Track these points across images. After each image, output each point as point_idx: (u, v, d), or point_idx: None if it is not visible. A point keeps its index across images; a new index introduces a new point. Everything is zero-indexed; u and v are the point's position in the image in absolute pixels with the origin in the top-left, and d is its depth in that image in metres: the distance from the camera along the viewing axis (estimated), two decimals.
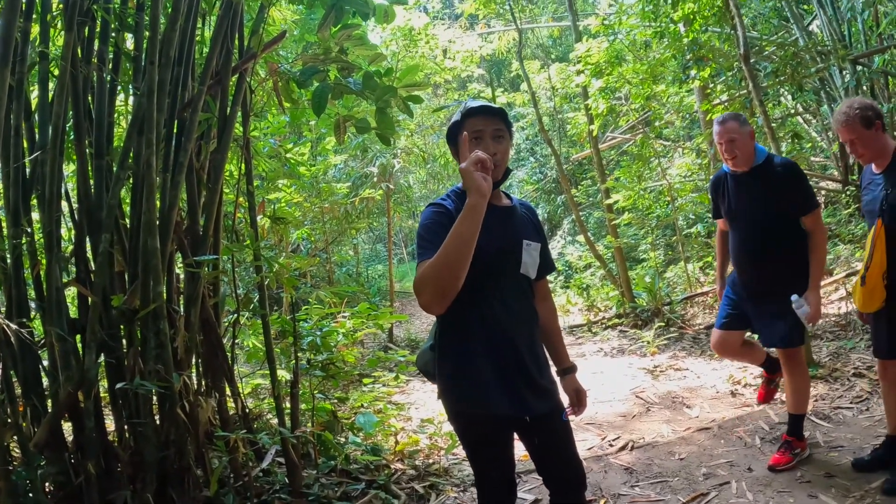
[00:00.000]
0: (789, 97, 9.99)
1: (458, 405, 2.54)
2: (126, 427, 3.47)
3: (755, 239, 4.04)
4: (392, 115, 3.78)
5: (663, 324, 9.00)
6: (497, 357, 2.44)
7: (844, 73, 7.86)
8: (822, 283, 7.76)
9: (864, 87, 7.84)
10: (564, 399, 2.72)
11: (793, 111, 10.49)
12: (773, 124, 7.25)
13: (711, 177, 4.61)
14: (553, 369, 2.75)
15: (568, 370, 2.82)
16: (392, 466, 4.50)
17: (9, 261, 3.29)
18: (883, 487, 3.66)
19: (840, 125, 3.64)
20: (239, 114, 4.10)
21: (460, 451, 4.87)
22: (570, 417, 2.69)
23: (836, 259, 8.40)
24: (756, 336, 4.42)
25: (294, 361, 4.26)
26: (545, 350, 2.72)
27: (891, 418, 3.89)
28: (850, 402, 5.17)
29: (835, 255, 8.49)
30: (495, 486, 2.65)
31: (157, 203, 3.52)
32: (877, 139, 3.59)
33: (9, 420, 3.18)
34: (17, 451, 3.26)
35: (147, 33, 3.58)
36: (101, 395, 3.62)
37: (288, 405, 4.15)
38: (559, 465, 2.64)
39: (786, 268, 3.99)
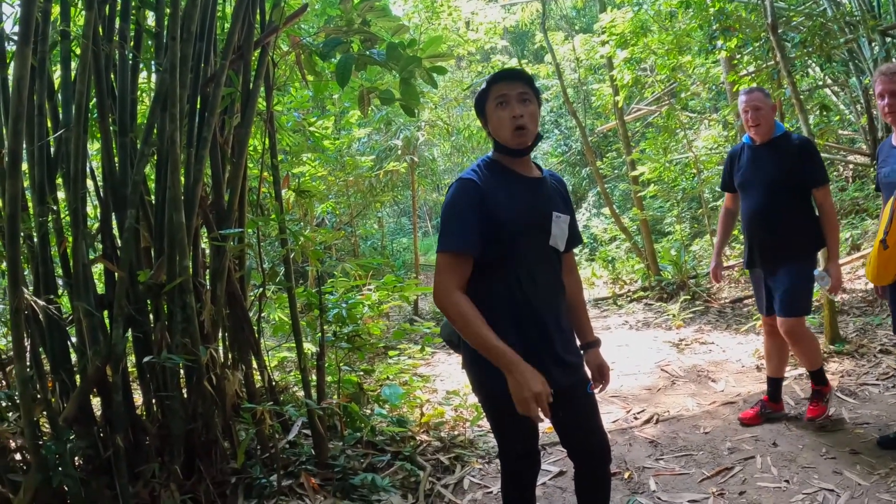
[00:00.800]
0: (817, 69, 9.80)
1: (481, 377, 2.53)
2: (154, 400, 3.52)
3: (767, 205, 4.20)
4: (416, 86, 3.76)
5: (689, 297, 8.95)
6: (522, 329, 2.43)
7: (874, 44, 7.69)
8: (851, 258, 7.70)
9: (894, 60, 7.66)
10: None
11: (820, 83, 10.30)
12: (801, 96, 7.12)
13: (729, 149, 4.73)
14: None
15: (591, 344, 2.79)
16: (417, 438, 4.53)
17: (35, 238, 3.34)
18: None
19: (886, 75, 3.63)
20: (262, 88, 4.10)
21: (485, 423, 4.90)
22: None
23: (864, 234, 8.29)
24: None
25: (320, 334, 4.29)
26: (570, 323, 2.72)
27: None
28: (877, 379, 5.12)
29: (862, 229, 8.39)
30: (518, 457, 2.69)
31: (182, 178, 3.54)
32: None
33: (38, 395, 3.25)
34: (47, 425, 3.33)
35: (168, 9, 3.58)
36: (129, 369, 3.67)
37: (314, 377, 4.19)
38: (583, 437, 2.63)
39: (794, 235, 4.16)
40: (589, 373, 2.73)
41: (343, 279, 6.36)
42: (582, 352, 2.74)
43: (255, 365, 4.10)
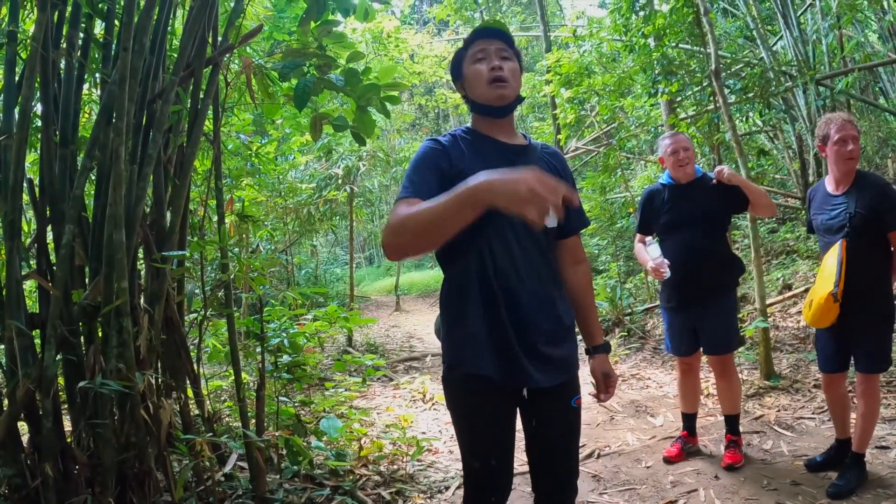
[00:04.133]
0: (752, 115, 10.14)
1: (447, 364, 2.28)
2: (84, 428, 3.32)
3: (706, 243, 4.28)
4: (371, 115, 3.70)
5: (625, 333, 9.03)
6: (494, 313, 2.16)
7: (808, 93, 7.99)
8: (782, 297, 7.90)
9: (827, 109, 7.97)
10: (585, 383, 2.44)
11: (755, 129, 10.64)
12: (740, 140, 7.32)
13: (644, 189, 4.87)
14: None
15: (598, 349, 2.52)
16: (357, 472, 4.40)
17: None
18: (828, 492, 3.77)
19: (848, 122, 3.78)
20: (210, 108, 3.99)
21: (425, 458, 4.81)
22: (592, 403, 2.48)
23: (794, 274, 8.51)
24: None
25: (261, 363, 4.14)
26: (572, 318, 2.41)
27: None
28: (812, 413, 5.25)
29: (793, 270, 8.61)
30: (480, 473, 2.28)
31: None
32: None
33: None
34: None
35: (120, 18, 3.46)
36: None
37: (252, 408, 4.03)
38: (552, 461, 2.31)
39: (726, 269, 4.35)
40: (593, 380, 2.51)
41: (280, 308, 6.21)
42: (588, 357, 2.53)
43: (189, 394, 3.94)
